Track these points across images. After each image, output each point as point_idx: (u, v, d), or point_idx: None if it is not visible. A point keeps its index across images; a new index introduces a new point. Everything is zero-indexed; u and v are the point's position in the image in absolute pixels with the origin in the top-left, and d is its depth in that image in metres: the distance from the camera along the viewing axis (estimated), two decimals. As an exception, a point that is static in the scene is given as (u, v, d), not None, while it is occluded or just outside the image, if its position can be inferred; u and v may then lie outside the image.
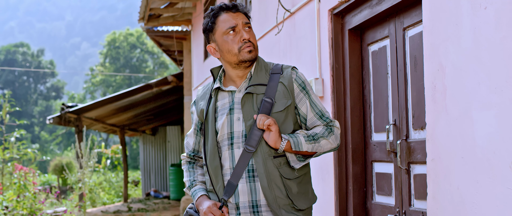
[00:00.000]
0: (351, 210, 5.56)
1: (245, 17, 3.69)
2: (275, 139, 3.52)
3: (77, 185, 15.74)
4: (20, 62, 79.08)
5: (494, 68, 3.26)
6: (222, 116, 3.71)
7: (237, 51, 3.64)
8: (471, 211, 3.48)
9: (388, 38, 5.06)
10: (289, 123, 3.66)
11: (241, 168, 3.61)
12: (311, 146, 3.59)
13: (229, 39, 3.65)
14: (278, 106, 3.62)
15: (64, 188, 26.60)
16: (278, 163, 3.59)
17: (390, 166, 5.04)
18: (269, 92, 3.64)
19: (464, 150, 3.54)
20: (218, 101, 3.79)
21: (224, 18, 3.66)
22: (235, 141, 3.65)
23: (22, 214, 12.49)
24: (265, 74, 3.72)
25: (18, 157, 16.00)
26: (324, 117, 3.71)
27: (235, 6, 3.68)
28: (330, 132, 3.67)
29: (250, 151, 3.58)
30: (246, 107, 3.64)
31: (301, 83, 3.72)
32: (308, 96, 3.71)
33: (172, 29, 16.94)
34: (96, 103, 18.07)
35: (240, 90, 3.71)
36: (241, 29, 3.64)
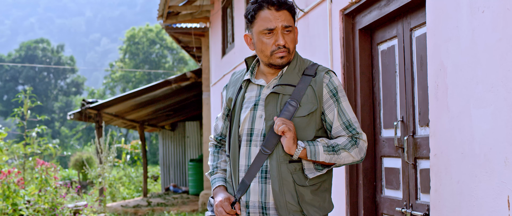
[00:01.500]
0: (361, 203, 5.74)
1: (288, 17, 3.58)
2: (289, 146, 3.44)
3: (97, 180, 15.95)
4: (40, 58, 79.48)
5: (490, 68, 3.45)
6: (246, 110, 3.67)
7: (269, 54, 3.60)
8: (470, 204, 3.67)
9: (396, 38, 5.24)
10: (311, 130, 3.57)
11: (256, 168, 3.57)
12: (329, 157, 3.51)
13: (264, 39, 3.59)
14: (302, 110, 3.55)
15: (85, 183, 26.85)
16: (293, 168, 3.53)
17: (398, 161, 5.23)
18: (296, 94, 3.56)
19: (463, 146, 3.74)
20: (246, 92, 3.75)
21: (264, 15, 3.58)
22: (253, 138, 3.62)
23: (44, 208, 12.68)
24: (297, 74, 3.65)
25: (39, 152, 16.23)
26: (351, 128, 3.62)
27: (281, 3, 3.57)
28: (354, 145, 3.58)
29: (266, 153, 3.54)
30: (269, 107, 3.59)
31: (333, 89, 3.62)
32: (338, 103, 3.62)
33: (190, 26, 17.11)
34: (116, 99, 18.27)
35: (268, 87, 3.68)
36: (278, 32, 3.56)
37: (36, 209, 12.78)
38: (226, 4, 13.80)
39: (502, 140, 3.33)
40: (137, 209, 17.73)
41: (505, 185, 3.30)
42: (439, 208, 4.07)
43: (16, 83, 78.88)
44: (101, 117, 18.35)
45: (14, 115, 15.91)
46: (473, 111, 3.62)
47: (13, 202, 12.59)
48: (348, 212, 5.84)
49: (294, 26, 3.63)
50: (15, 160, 16.71)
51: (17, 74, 78.70)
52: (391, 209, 5.33)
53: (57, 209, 12.76)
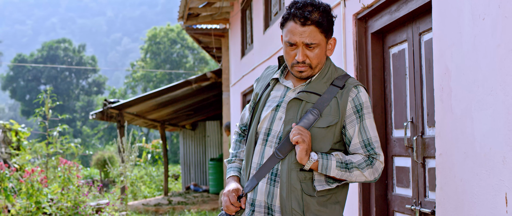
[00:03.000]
0: (374, 201, 5.93)
1: (313, 33, 3.48)
2: (301, 156, 3.43)
3: (119, 179, 16.16)
4: (62, 57, 79.90)
5: (489, 73, 3.65)
6: (268, 109, 3.67)
7: (290, 65, 3.60)
8: (472, 201, 3.87)
9: (406, 42, 5.43)
10: (327, 142, 3.55)
11: (266, 169, 3.57)
12: (341, 174, 3.50)
13: (287, 50, 3.58)
14: (322, 121, 3.53)
15: (106, 182, 27.08)
16: (303, 176, 3.52)
17: (408, 160, 5.42)
18: (319, 104, 3.53)
19: (465, 146, 3.94)
20: (272, 91, 3.75)
21: (290, 27, 3.52)
22: (270, 139, 3.61)
23: (67, 206, 12.89)
24: (325, 83, 3.61)
25: (61, 152, 16.45)
26: (369, 147, 3.58)
27: (306, 19, 3.47)
28: (369, 165, 3.56)
29: (279, 157, 3.53)
30: (290, 112, 3.57)
31: (358, 104, 3.58)
32: (361, 120, 3.58)
33: (210, 27, 17.27)
34: (137, 99, 18.47)
35: (294, 90, 3.65)
36: (299, 48, 3.51)
37: (59, 207, 12.98)
38: (245, 6, 13.98)
39: (500, 141, 3.53)
40: (158, 207, 17.94)
41: (503, 183, 3.50)
42: (444, 205, 4.27)
43: (38, 82, 79.36)
44: (122, 116, 18.56)
45: (36, 115, 16.14)
46: (474, 113, 3.83)
47: (37, 200, 12.79)
48: (360, 209, 6.03)
49: (322, 41, 3.55)
50: (38, 159, 16.97)
51: (39, 74, 79.18)
52: (401, 206, 5.52)
53: (79, 207, 12.95)
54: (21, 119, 76.04)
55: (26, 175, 12.95)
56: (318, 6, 3.51)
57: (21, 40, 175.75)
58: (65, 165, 13.50)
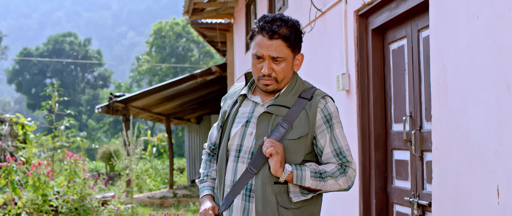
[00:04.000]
0: (374, 193, 6.06)
1: (280, 47, 3.49)
2: (276, 168, 3.42)
3: (124, 172, 16.27)
4: (67, 51, 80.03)
5: (483, 70, 3.78)
6: (238, 125, 3.65)
7: (257, 78, 3.59)
8: (466, 193, 4.01)
9: (405, 38, 5.55)
10: (300, 154, 3.55)
11: (241, 185, 3.56)
12: (316, 183, 3.50)
13: (254, 63, 3.58)
14: (293, 133, 3.53)
15: (112, 175, 27.20)
16: (277, 190, 3.51)
17: (406, 154, 5.54)
18: (289, 116, 3.54)
19: (460, 140, 4.07)
20: (241, 107, 3.73)
21: (258, 40, 3.53)
22: (241, 155, 3.59)
23: (73, 199, 13.00)
24: (293, 96, 3.62)
25: (67, 145, 16.57)
26: (341, 155, 3.59)
27: (274, 33, 3.48)
28: (342, 173, 3.56)
29: (253, 172, 3.52)
30: (261, 126, 3.56)
31: (328, 114, 3.60)
32: (331, 130, 3.59)
33: (215, 22, 17.35)
34: (143, 92, 18.56)
35: (263, 105, 3.65)
36: (266, 61, 3.51)
37: (66, 200, 13.09)
38: (250, 1, 14.05)
39: (492, 135, 3.67)
40: (163, 200, 18.06)
41: (495, 176, 3.64)
42: (440, 197, 4.40)
43: (44, 76, 79.52)
44: (128, 110, 18.66)
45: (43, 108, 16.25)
46: (469, 108, 3.96)
47: (43, 193, 12.90)
48: (361, 202, 6.16)
49: (289, 55, 3.56)
50: (44, 153, 17.09)
51: (45, 68, 79.35)
52: (400, 198, 5.65)
53: (85, 199, 13.04)
54: (27, 113, 76.24)
55: (33, 168, 13.06)
56: (287, 21, 3.54)
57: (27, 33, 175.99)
58: (71, 158, 13.60)
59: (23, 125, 19.01)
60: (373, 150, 6.06)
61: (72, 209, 13.02)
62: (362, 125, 6.18)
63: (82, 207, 12.93)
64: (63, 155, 14.86)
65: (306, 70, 8.15)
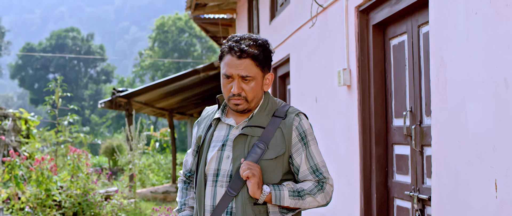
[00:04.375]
0: (374, 188, 6.11)
1: (249, 66, 3.49)
2: (254, 190, 3.41)
3: (127, 167, 16.31)
4: (70, 46, 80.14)
5: (481, 66, 3.83)
6: (214, 149, 3.63)
7: (227, 98, 3.58)
8: (465, 187, 4.06)
9: (406, 33, 5.59)
10: (278, 173, 3.55)
11: (221, 209, 3.54)
12: (294, 202, 3.50)
13: (224, 83, 3.58)
14: (270, 153, 3.52)
15: (115, 170, 27.24)
16: (257, 210, 3.50)
17: (407, 148, 5.59)
18: (264, 137, 3.54)
19: (459, 134, 4.12)
20: (216, 131, 3.71)
21: (226, 61, 3.53)
22: (219, 179, 3.57)
23: (76, 193, 13.05)
24: (267, 116, 3.62)
25: (70, 140, 16.61)
26: (318, 172, 3.59)
27: (243, 52, 3.48)
28: (320, 190, 3.56)
29: (232, 194, 3.50)
30: (237, 148, 3.55)
31: (302, 132, 3.60)
32: (306, 147, 3.59)
33: (218, 17, 17.38)
34: (146, 87, 18.59)
35: (237, 127, 3.64)
36: (235, 80, 3.51)
37: (69, 195, 13.13)
38: (252, -4, 14.12)
39: (490, 130, 3.72)
40: (166, 195, 18.11)
41: (493, 170, 3.69)
42: (439, 191, 4.46)
43: (47, 71, 79.63)
44: (131, 105, 18.69)
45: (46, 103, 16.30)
46: (467, 103, 4.01)
47: (47, 188, 12.95)
48: (362, 196, 6.21)
49: (258, 74, 3.55)
50: (47, 148, 17.14)
51: (48, 63, 79.44)
52: (401, 192, 5.69)
53: (89, 194, 13.09)
54: (30, 108, 76.33)
55: (36, 163, 13.11)
56: (256, 40, 3.54)
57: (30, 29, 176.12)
58: (74, 153, 13.64)
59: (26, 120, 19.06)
60: (374, 144, 6.10)
61: (75, 204, 13.06)
62: (363, 120, 6.22)
63: (85, 202, 12.98)
64: (66, 150, 14.92)
65: (307, 66, 8.20)
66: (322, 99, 7.55)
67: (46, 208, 12.96)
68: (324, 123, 7.46)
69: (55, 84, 15.89)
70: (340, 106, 6.84)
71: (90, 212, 12.91)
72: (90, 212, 12.91)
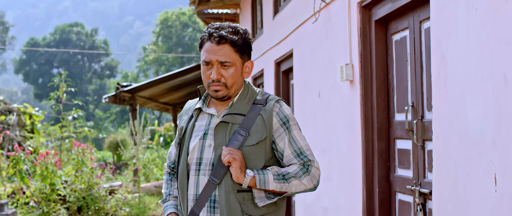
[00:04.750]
0: (377, 182, 6.15)
1: (228, 52, 3.54)
2: (237, 175, 3.43)
3: (131, 161, 16.39)
4: (74, 41, 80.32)
5: (481, 61, 3.87)
6: (196, 139, 3.65)
7: (207, 85, 3.61)
8: (465, 181, 4.11)
9: (407, 29, 5.63)
10: (260, 159, 3.57)
11: (204, 197, 3.55)
12: (280, 186, 3.50)
13: (203, 70, 3.62)
14: (251, 139, 3.54)
15: (119, 164, 27.32)
16: (241, 197, 3.52)
17: (409, 143, 5.63)
18: (245, 123, 3.56)
19: (459, 129, 4.17)
20: (197, 121, 3.74)
21: (206, 47, 3.58)
22: (202, 167, 3.59)
23: (81, 188, 13.12)
24: (247, 103, 3.65)
25: (74, 136, 16.69)
26: (302, 156, 3.60)
27: (221, 38, 3.53)
28: (305, 173, 3.57)
29: (215, 182, 3.52)
30: (218, 136, 3.57)
31: (283, 117, 3.62)
32: (289, 132, 3.61)
33: (221, 12, 17.43)
34: (150, 82, 18.67)
35: (218, 116, 3.66)
36: (214, 66, 3.55)
37: (73, 189, 13.20)
38: (256, -9, 14.14)
39: (490, 124, 3.76)
40: (170, 189, 18.16)
41: (493, 164, 3.73)
42: (440, 185, 4.51)
43: (51, 66, 79.77)
44: (135, 100, 18.77)
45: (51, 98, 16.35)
46: (467, 98, 4.05)
47: (51, 182, 13.01)
48: (364, 190, 6.25)
49: (237, 61, 3.59)
50: (51, 142, 17.22)
51: (52, 57, 79.57)
52: (402, 187, 5.74)
53: (93, 189, 13.15)
54: (34, 103, 76.51)
55: (41, 157, 13.17)
56: (234, 27, 3.60)
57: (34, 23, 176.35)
58: (79, 147, 13.71)
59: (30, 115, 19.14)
60: (376, 139, 6.15)
61: (80, 198, 13.12)
62: (365, 115, 6.27)
63: (90, 196, 13.04)
64: (70, 145, 14.99)
65: (310, 61, 8.24)
66: (325, 94, 7.60)
67: (50, 202, 13.03)
68: (327, 118, 7.50)
69: (60, 79, 15.96)
70: (342, 101, 6.89)
71: (95, 207, 12.97)
72: (95, 207, 12.97)
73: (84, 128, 17.81)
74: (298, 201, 9.15)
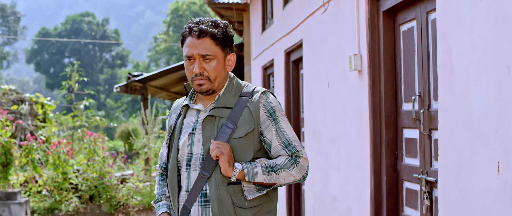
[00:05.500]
0: (384, 170, 6.23)
1: (209, 45, 3.57)
2: (225, 168, 3.46)
3: (142, 150, 16.49)
4: (85, 31, 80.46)
5: (484, 52, 3.96)
6: (185, 135, 3.67)
7: (191, 80, 3.64)
8: (468, 169, 4.20)
9: (415, 20, 5.70)
10: (249, 151, 3.58)
11: (196, 192, 3.57)
12: (268, 178, 3.53)
13: (186, 65, 3.64)
14: (239, 131, 3.56)
15: (130, 153, 27.47)
16: (232, 190, 3.54)
17: (416, 132, 5.71)
18: (233, 116, 3.57)
19: (464, 119, 4.26)
20: (185, 118, 3.74)
21: (187, 43, 3.60)
22: (193, 163, 3.61)
23: (92, 177, 13.25)
24: (234, 97, 3.66)
25: (86, 125, 16.80)
26: (290, 147, 3.62)
27: (201, 32, 3.56)
28: (294, 164, 3.58)
29: (205, 176, 3.54)
30: (206, 130, 3.59)
31: (270, 108, 3.63)
32: (276, 123, 3.62)
33: (232, 1, 17.46)
34: (161, 72, 18.76)
35: (205, 111, 3.67)
36: (196, 60, 3.58)
37: (85, 178, 13.33)
38: (266, -19, 14.18)
39: (493, 115, 3.85)
40: (181, 178, 18.26)
41: (496, 153, 3.83)
42: (445, 174, 4.60)
43: (62, 56, 80.00)
44: (146, 89, 18.88)
45: (63, 88, 16.47)
46: (471, 88, 4.14)
47: (63, 171, 13.15)
48: (372, 178, 6.34)
49: (219, 53, 3.62)
50: (63, 132, 17.34)
51: (63, 47, 79.78)
52: (409, 175, 5.82)
53: (105, 177, 13.27)
54: (45, 92, 76.74)
55: (53, 147, 13.31)
56: (214, 21, 3.63)
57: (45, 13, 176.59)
58: (90, 137, 13.83)
59: (42, 105, 19.26)
60: (384, 128, 6.23)
61: (92, 187, 13.25)
62: (373, 104, 6.34)
63: (102, 185, 13.17)
64: (82, 134, 15.10)
65: (319, 51, 8.32)
66: (333, 83, 7.67)
67: (63, 191, 13.18)
68: (336, 107, 7.58)
69: (72, 69, 16.07)
70: (351, 90, 6.96)
71: (106, 195, 13.10)
72: (106, 195, 13.10)
73: (95, 117, 17.92)
74: (307, 190, 9.24)
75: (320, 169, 8.35)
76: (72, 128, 16.61)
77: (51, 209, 12.80)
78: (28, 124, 17.99)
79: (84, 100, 17.02)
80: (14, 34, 77.82)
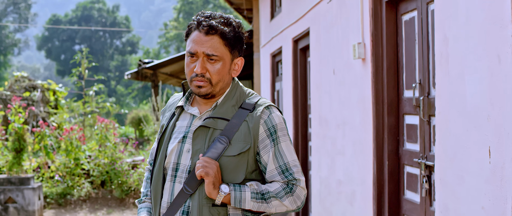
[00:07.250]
0: (386, 156, 6.41)
1: (217, 45, 3.20)
2: (209, 190, 3.10)
3: (153, 137, 16.71)
4: (96, 18, 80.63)
5: (478, 42, 4.15)
6: (174, 141, 3.32)
7: (189, 79, 3.28)
8: (463, 154, 4.40)
9: (416, 10, 5.88)
10: (240, 172, 3.21)
11: (176, 207, 3.22)
12: (257, 205, 3.16)
13: (187, 62, 3.28)
14: (232, 149, 3.18)
15: (141, 140, 27.66)
16: (216, 212, 3.18)
17: (416, 118, 5.89)
18: (228, 130, 3.19)
19: (459, 105, 4.46)
20: (178, 120, 3.40)
21: (193, 37, 3.23)
22: (178, 174, 3.26)
23: (104, 162, 13.47)
24: (233, 107, 3.28)
25: (97, 111, 17.01)
26: (287, 173, 3.23)
27: (211, 28, 3.18)
28: (288, 193, 3.20)
29: (188, 192, 3.19)
30: (197, 142, 3.24)
31: (271, 126, 3.24)
32: (275, 144, 3.24)
33: (242, -12, 17.61)
34: (171, 59, 18.88)
35: (200, 118, 3.32)
36: (199, 59, 3.20)
37: (97, 164, 13.55)
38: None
39: (485, 101, 4.06)
40: (191, 164, 18.43)
41: (487, 138, 4.03)
42: (441, 158, 4.80)
43: (73, 43, 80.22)
44: (157, 76, 19.06)
45: (73, 75, 16.68)
46: (466, 76, 4.34)
47: (75, 157, 13.38)
48: (374, 163, 6.52)
49: (226, 55, 3.26)
50: (75, 118, 17.57)
51: (74, 34, 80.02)
52: (410, 160, 6.01)
53: (116, 163, 13.48)
54: (57, 79, 77.04)
55: (65, 133, 13.53)
56: (227, 19, 3.28)
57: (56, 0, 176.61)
58: (102, 123, 14.03)
59: (54, 91, 19.47)
60: (386, 115, 6.41)
61: (103, 172, 13.47)
62: (376, 92, 6.51)
63: (113, 170, 13.38)
64: (94, 120, 15.31)
65: (325, 39, 8.49)
66: (339, 71, 7.84)
67: (75, 176, 13.41)
68: (341, 94, 7.76)
69: (81, 56, 16.28)
70: (355, 78, 7.14)
71: (118, 181, 13.32)
72: (118, 181, 13.32)
73: (106, 103, 18.13)
74: (314, 175, 9.42)
75: (326, 154, 8.54)
76: (83, 114, 16.84)
77: (64, 194, 13.04)
78: (40, 110, 18.21)
79: (94, 86, 17.23)
80: (25, 21, 78.07)
